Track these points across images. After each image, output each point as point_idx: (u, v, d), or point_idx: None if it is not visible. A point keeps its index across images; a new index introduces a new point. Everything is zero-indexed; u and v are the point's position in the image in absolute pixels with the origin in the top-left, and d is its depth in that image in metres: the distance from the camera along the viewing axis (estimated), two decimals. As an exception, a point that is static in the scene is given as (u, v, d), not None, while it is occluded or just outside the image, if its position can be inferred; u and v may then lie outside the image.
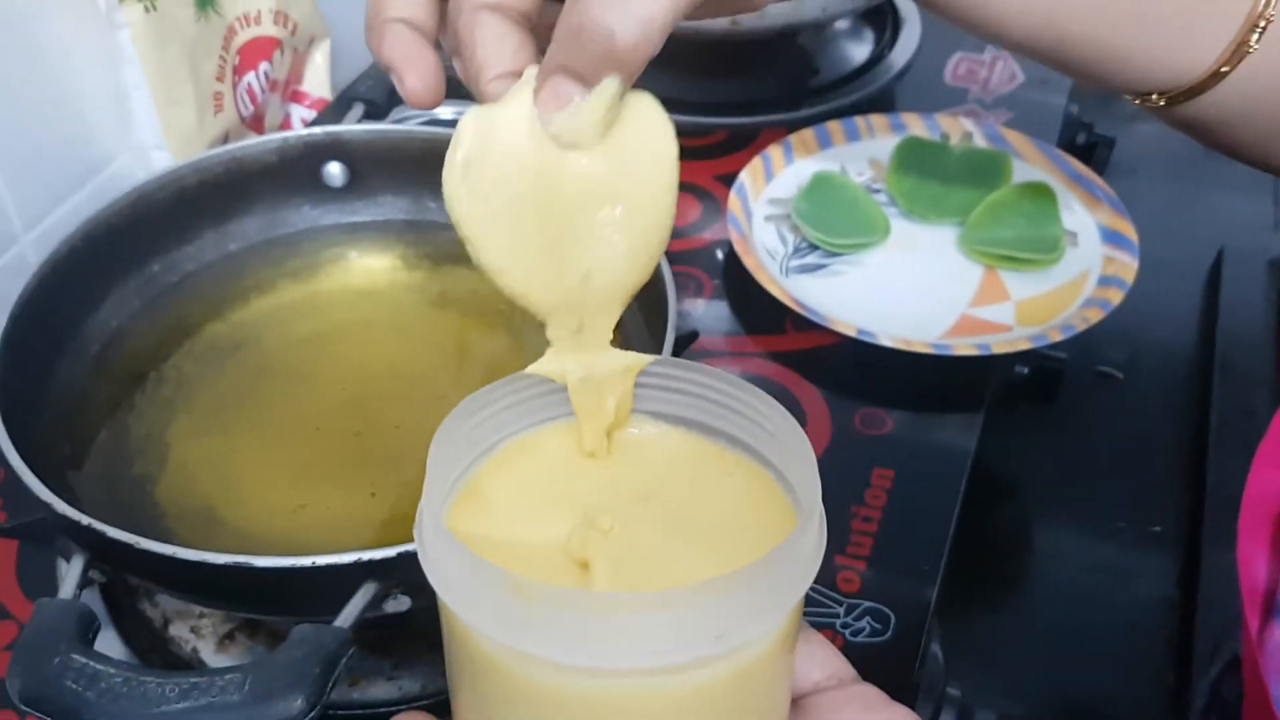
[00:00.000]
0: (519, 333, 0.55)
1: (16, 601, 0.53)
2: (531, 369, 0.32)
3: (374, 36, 0.33)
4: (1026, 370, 0.68)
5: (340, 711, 0.48)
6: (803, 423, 0.59)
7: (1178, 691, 0.57)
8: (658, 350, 0.47)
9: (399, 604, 0.40)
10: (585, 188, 0.31)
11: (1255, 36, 0.38)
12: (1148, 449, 0.72)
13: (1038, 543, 0.67)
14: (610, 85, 0.30)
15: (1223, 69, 0.39)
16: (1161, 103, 0.42)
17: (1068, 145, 0.80)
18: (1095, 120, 0.85)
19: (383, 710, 0.48)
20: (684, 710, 0.28)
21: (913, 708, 0.50)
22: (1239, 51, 0.38)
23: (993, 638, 0.62)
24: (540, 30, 0.32)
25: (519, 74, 0.31)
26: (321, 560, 0.39)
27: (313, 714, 0.35)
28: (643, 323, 0.52)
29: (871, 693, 0.33)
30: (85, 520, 0.40)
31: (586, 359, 0.32)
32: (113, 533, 0.39)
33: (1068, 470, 0.71)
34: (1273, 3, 0.38)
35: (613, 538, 0.31)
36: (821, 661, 0.33)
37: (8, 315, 0.48)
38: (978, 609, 0.63)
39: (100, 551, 0.40)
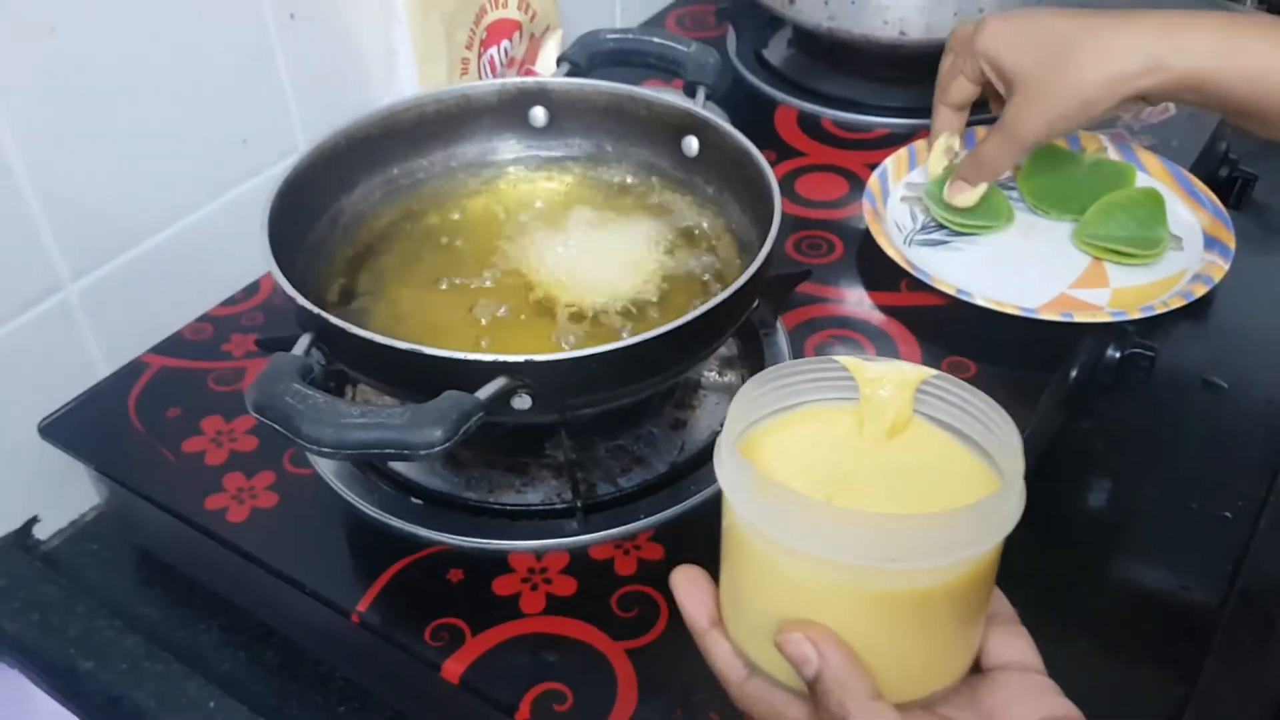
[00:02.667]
0: (664, 245, 0.69)
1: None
2: (840, 358, 0.44)
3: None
4: (1119, 355, 0.75)
5: (479, 505, 0.62)
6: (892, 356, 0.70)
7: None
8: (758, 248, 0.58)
9: (523, 402, 0.53)
10: None
11: None
12: (1236, 450, 0.77)
13: (1108, 506, 0.74)
14: None
15: None
16: None
17: (1208, 177, 0.86)
18: (1241, 158, 0.91)
19: (509, 508, 0.61)
20: (899, 604, 0.38)
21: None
22: None
23: (1044, 572, 0.69)
24: None
25: None
26: (470, 356, 0.52)
27: (446, 445, 0.48)
28: (755, 237, 0.64)
29: (1049, 684, 0.41)
30: (315, 309, 0.55)
31: (882, 368, 0.44)
32: (333, 319, 0.54)
33: (1152, 454, 0.77)
34: None
35: (858, 488, 0.41)
36: (1018, 649, 0.42)
37: (280, 182, 0.64)
38: (1036, 549, 0.70)
39: (322, 334, 0.55)
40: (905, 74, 0.93)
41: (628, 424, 0.65)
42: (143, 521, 0.68)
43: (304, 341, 0.55)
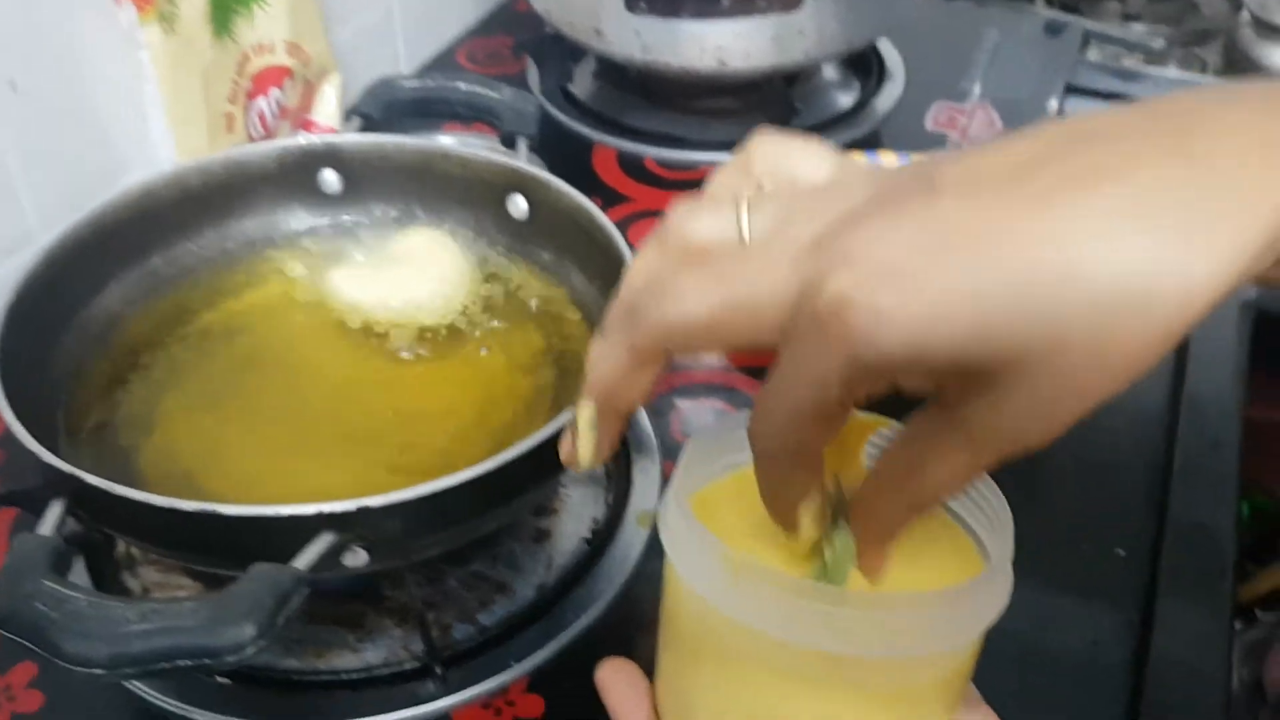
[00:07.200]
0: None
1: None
2: None
3: None
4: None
5: (307, 677, 0.50)
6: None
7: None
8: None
9: (357, 557, 0.42)
10: None
11: None
12: (1114, 476, 0.73)
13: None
14: None
15: None
16: None
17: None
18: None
19: (344, 676, 0.50)
20: (844, 690, 0.32)
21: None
22: None
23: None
24: None
25: None
26: (284, 510, 0.41)
27: (261, 642, 0.37)
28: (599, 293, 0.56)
29: None
30: (66, 468, 0.42)
31: None
32: (90, 479, 0.42)
33: (1033, 491, 0.72)
34: None
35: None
36: None
37: (13, 290, 0.51)
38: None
39: (78, 498, 0.43)
40: (727, 105, 0.86)
41: (482, 544, 0.55)
42: None
43: (54, 512, 0.42)
